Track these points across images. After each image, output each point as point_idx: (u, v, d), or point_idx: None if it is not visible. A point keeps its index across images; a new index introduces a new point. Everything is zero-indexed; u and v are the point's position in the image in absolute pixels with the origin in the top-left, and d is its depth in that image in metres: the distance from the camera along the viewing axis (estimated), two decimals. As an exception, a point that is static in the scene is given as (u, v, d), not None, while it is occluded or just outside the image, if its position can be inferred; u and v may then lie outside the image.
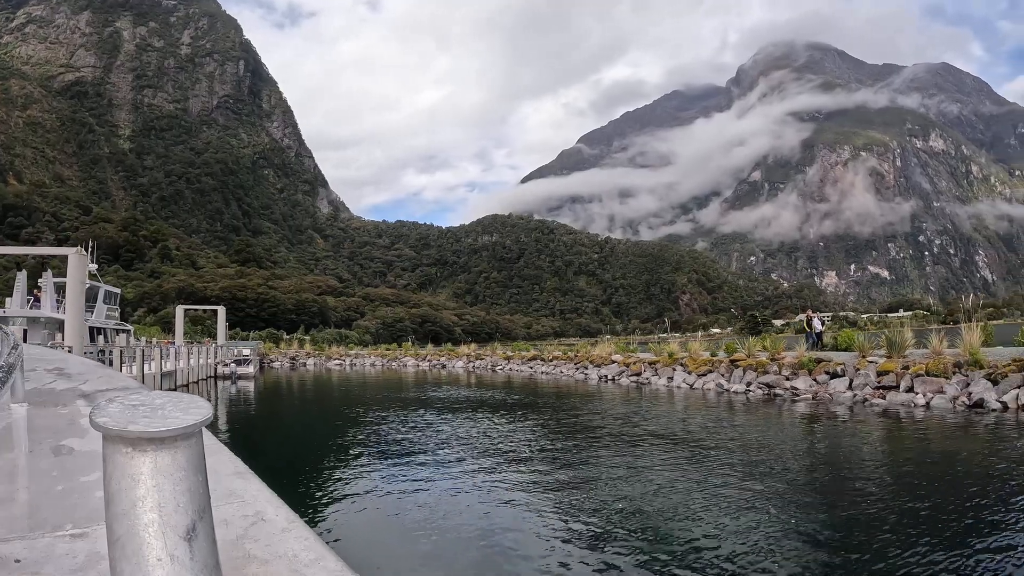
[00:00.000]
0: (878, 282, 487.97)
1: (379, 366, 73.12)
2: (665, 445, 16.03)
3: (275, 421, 27.71)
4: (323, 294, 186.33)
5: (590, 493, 11.42)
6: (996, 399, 18.30)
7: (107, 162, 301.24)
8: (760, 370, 26.98)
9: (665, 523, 9.50)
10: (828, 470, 12.81)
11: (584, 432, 19.05)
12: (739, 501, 10.38)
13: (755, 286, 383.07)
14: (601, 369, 39.31)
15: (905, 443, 15.31)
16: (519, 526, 9.58)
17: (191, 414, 1.27)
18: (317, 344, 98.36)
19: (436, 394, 35.42)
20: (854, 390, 22.25)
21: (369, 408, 28.42)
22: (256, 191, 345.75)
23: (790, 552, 7.98)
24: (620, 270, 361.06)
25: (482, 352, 69.55)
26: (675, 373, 31.78)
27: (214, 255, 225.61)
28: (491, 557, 8.31)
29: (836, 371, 23.77)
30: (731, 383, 27.58)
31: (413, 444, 17.84)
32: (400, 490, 12.12)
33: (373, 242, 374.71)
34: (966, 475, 11.81)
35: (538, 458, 15.07)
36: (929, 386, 20.14)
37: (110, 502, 1.22)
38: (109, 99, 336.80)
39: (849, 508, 9.83)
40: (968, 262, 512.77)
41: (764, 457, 13.90)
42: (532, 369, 50.88)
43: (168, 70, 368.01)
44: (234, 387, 44.70)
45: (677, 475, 12.49)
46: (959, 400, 19.00)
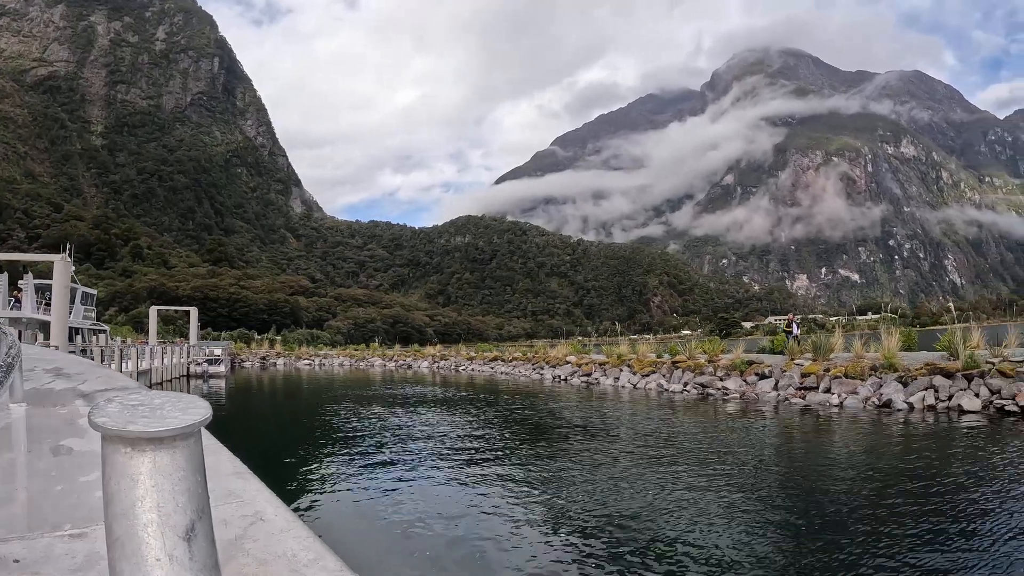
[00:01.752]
0: (848, 285, 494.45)
1: (347, 366, 74.06)
2: (587, 436, 17.21)
3: (244, 416, 28.81)
4: (295, 294, 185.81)
5: (527, 478, 12.54)
6: (903, 400, 19.58)
7: (79, 159, 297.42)
8: (697, 371, 28.24)
9: (583, 499, 10.62)
10: (726, 457, 13.98)
11: (525, 426, 20.31)
12: (650, 482, 11.55)
13: (726, 288, 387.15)
14: (556, 370, 40.45)
15: (808, 436, 16.57)
16: (458, 511, 10.52)
17: (190, 414, 1.27)
18: (287, 344, 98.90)
19: (400, 392, 36.82)
20: (779, 390, 23.54)
21: (335, 405, 29.67)
22: (229, 190, 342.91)
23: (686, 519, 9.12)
24: (592, 272, 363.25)
25: (446, 353, 70.77)
26: (621, 374, 32.93)
27: (186, 254, 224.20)
28: (455, 544, 9.04)
29: (765, 372, 25.05)
30: (671, 383, 28.78)
31: (374, 437, 18.98)
32: (365, 481, 13.17)
33: (346, 242, 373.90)
34: (848, 463, 13.06)
35: (480, 448, 16.17)
36: (845, 387, 21.45)
37: (109, 502, 1.22)
38: (82, 94, 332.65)
39: (740, 489, 10.99)
40: (937, 266, 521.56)
41: (672, 450, 15.06)
42: (493, 369, 51.99)
43: (142, 66, 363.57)
44: (206, 385, 45.92)
45: (591, 463, 13.64)
46: (870, 400, 20.30)
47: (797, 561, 7.78)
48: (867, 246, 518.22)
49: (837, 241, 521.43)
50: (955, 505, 9.65)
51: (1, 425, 4.65)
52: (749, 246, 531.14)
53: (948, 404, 18.87)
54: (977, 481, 11.18)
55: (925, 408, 19.09)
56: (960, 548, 7.82)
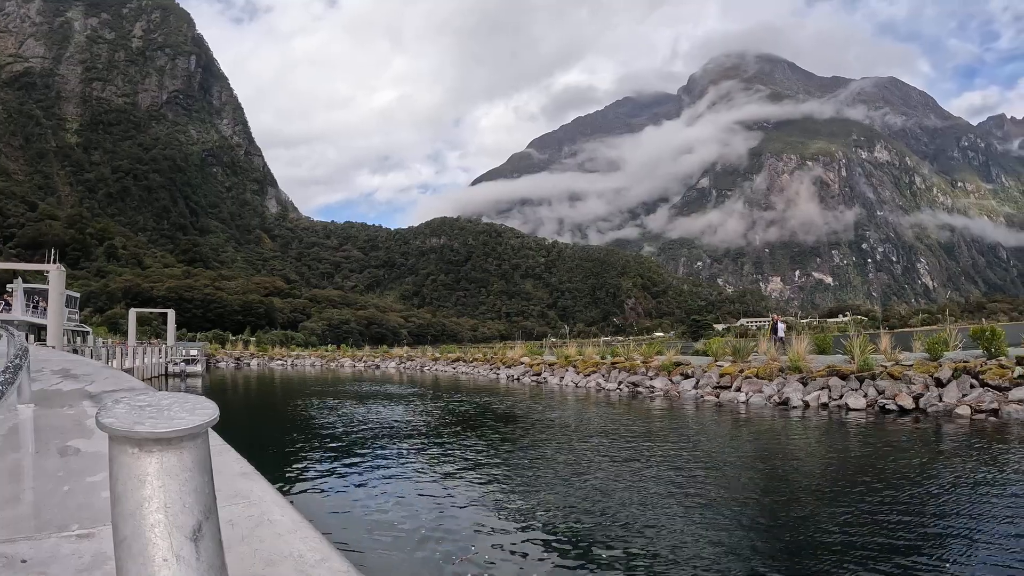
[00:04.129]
0: (822, 288, 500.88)
1: (318, 366, 75.76)
2: (521, 426, 19.43)
3: (221, 411, 30.93)
4: (270, 295, 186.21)
5: (466, 459, 14.66)
6: (800, 398, 21.86)
7: (54, 156, 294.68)
8: (631, 371, 30.54)
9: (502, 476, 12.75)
10: (615, 435, 16.15)
11: (470, 417, 22.50)
12: (564, 462, 13.72)
13: (699, 291, 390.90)
14: (510, 370, 42.75)
15: (707, 426, 18.83)
16: (409, 497, 11.82)
17: (197, 415, 1.29)
18: (261, 345, 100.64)
19: (365, 389, 39.28)
20: (698, 388, 25.86)
21: (304, 400, 32.09)
22: (204, 189, 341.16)
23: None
24: (567, 274, 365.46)
25: (413, 354, 73.56)
26: (567, 373, 35.21)
27: (161, 254, 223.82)
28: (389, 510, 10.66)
29: (688, 373, 27.35)
30: (608, 382, 31.00)
31: (335, 428, 21.07)
32: (327, 465, 14.88)
33: (321, 243, 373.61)
34: (714, 449, 15.28)
35: (426, 433, 18.36)
36: (753, 386, 23.75)
37: (116, 502, 1.23)
38: (58, 91, 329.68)
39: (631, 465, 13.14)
40: (910, 269, 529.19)
41: (586, 436, 17.26)
42: (455, 369, 54.26)
43: (118, 63, 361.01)
44: (183, 384, 48.15)
45: (520, 447, 15.81)
46: (772, 398, 22.63)
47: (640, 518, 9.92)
48: (840, 249, 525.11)
49: (811, 244, 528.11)
50: (797, 487, 11.87)
51: (9, 426, 4.78)
52: (724, 249, 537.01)
53: (839, 402, 21.14)
54: (819, 465, 13.45)
55: (819, 406, 21.35)
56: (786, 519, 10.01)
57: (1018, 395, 18.02)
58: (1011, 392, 18.25)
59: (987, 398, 18.32)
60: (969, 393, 19.01)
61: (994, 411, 17.72)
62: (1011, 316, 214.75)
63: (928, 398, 19.28)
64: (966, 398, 18.78)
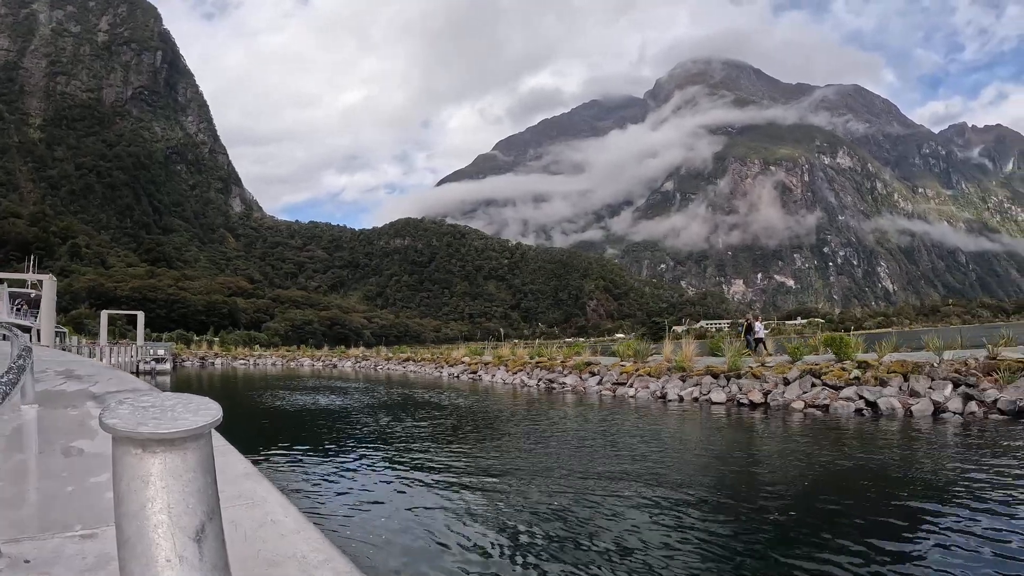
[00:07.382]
0: (784, 291, 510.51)
1: (279, 365, 79.51)
2: (442, 413, 23.00)
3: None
4: (233, 295, 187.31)
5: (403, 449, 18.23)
6: (677, 393, 25.67)
7: (16, 152, 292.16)
8: (550, 370, 34.39)
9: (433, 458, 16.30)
10: (525, 427, 19.79)
11: (405, 407, 26.03)
12: (475, 442, 17.33)
13: (661, 293, 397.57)
14: (452, 368, 46.72)
15: (598, 416, 22.58)
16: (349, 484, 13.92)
17: (201, 415, 1.29)
18: (225, 345, 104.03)
19: (319, 384, 43.52)
20: (601, 385, 29.72)
21: (268, 395, 35.93)
22: (168, 187, 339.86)
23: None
24: (530, 276, 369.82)
25: (368, 353, 78.36)
26: (498, 372, 39.03)
27: (124, 254, 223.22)
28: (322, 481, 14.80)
29: (595, 371, 31.21)
30: (530, 379, 34.79)
31: (291, 419, 24.46)
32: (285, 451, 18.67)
33: (286, 243, 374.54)
34: (595, 431, 18.99)
35: (368, 423, 21.88)
36: (642, 383, 27.62)
37: (119, 503, 1.23)
38: (21, 85, 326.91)
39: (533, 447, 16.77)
40: (871, 273, 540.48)
41: (493, 421, 20.92)
42: (405, 368, 57.98)
43: (83, 57, 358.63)
44: (153, 381, 51.32)
45: (441, 430, 19.41)
46: (655, 393, 26.52)
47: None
48: (802, 253, 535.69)
49: (773, 248, 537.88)
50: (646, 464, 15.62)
51: (13, 426, 4.79)
52: (687, 252, 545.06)
53: (707, 397, 25.05)
54: (658, 447, 17.25)
55: (692, 400, 25.21)
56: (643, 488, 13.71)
57: (847, 393, 21.97)
58: (843, 391, 22.16)
59: (822, 395, 22.23)
60: (809, 391, 22.94)
61: (825, 407, 21.60)
62: (963, 319, 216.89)
63: (774, 394, 23.19)
64: (805, 395, 22.67)
